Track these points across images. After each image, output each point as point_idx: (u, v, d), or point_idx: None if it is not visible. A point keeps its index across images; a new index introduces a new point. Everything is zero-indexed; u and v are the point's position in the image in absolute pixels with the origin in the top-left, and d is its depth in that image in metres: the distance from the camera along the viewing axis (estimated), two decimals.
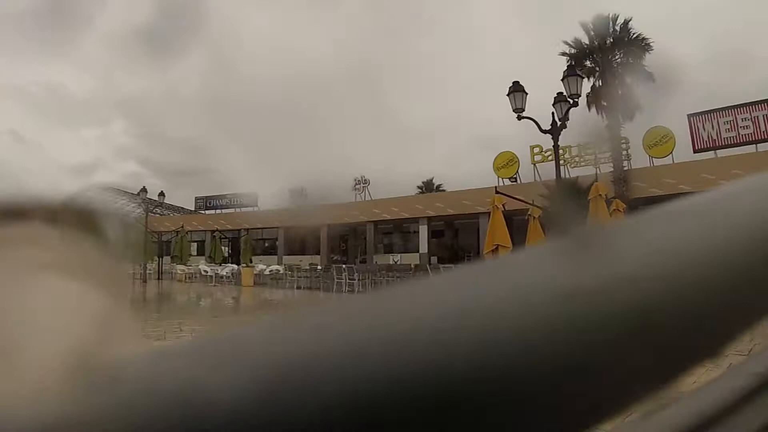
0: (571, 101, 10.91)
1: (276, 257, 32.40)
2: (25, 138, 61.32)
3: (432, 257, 27.38)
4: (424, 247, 28.97)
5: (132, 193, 30.90)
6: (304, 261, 26.81)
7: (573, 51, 22.18)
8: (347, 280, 17.28)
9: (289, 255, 32.59)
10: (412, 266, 20.59)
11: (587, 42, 22.29)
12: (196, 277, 24.16)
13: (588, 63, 21.82)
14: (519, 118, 10.76)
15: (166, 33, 62.63)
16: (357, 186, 33.45)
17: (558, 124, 10.64)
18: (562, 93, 11.28)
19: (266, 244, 35.56)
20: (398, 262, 25.54)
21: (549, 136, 10.92)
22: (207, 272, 23.44)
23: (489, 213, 13.36)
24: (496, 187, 16.78)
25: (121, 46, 60.99)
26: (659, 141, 22.71)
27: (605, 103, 21.55)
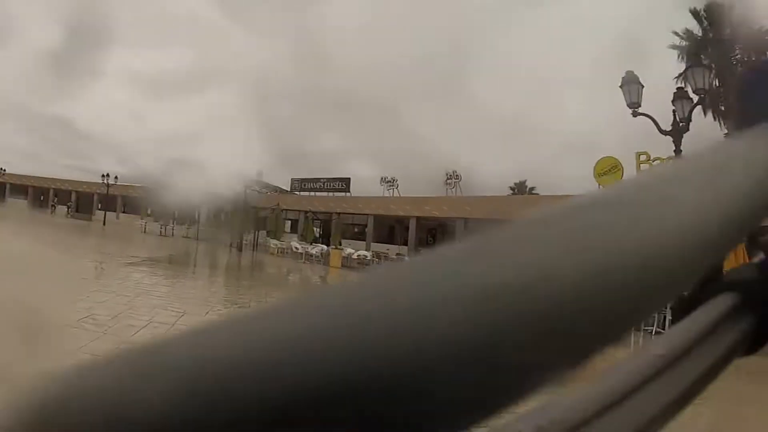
0: (696, 97, 9.45)
1: (364, 243, 32.35)
2: (144, 119, 65.94)
3: None
4: None
5: None
6: (392, 250, 26.55)
7: (684, 44, 19.51)
8: None
9: (377, 242, 32.46)
10: None
11: (700, 34, 19.47)
12: (287, 252, 24.61)
13: (703, 58, 18.42)
14: (635, 114, 9.45)
15: (262, 18, 64.70)
16: (448, 180, 32.54)
17: (680, 125, 9.18)
18: (682, 88, 9.96)
19: (356, 230, 35.62)
20: None
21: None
22: (298, 249, 23.83)
23: None
24: None
25: (222, 31, 63.58)
26: None
27: (723, 108, 18.51)
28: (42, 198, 47.33)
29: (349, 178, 37.70)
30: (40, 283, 7.44)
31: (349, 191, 37.39)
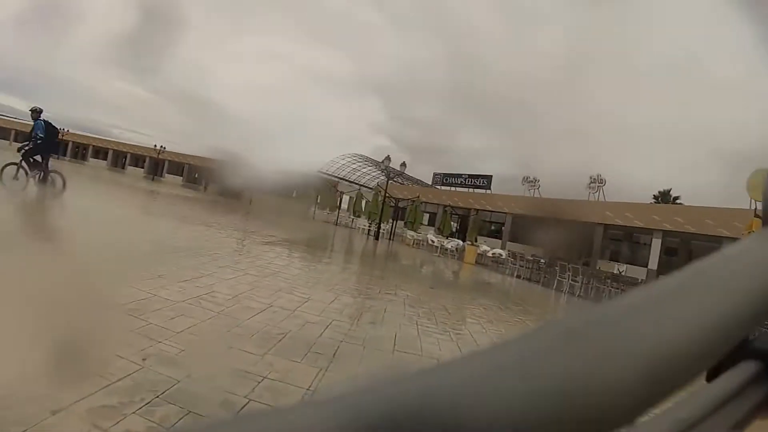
0: None
1: (500, 241, 31.07)
2: (297, 110, 69.85)
3: (660, 277, 23.20)
4: (653, 263, 24.97)
5: (377, 161, 32.44)
6: (526, 251, 25.10)
7: None
8: (569, 281, 15.27)
9: (512, 242, 31.07)
10: (640, 282, 17.44)
11: None
12: (422, 244, 24.14)
13: None
14: None
15: (413, 17, 65.04)
16: (591, 184, 30.24)
17: None
18: None
19: (492, 227, 34.44)
20: (623, 273, 22.12)
21: None
22: (434, 242, 23.26)
23: (737, 239, 10.10)
24: (755, 210, 12.82)
25: (373, 35, 64.88)
26: None
27: None
28: (196, 176, 51.68)
29: (491, 176, 36.80)
30: (172, 258, 7.43)
31: (489, 188, 36.50)
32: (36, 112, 11.51)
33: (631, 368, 0.20)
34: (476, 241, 25.23)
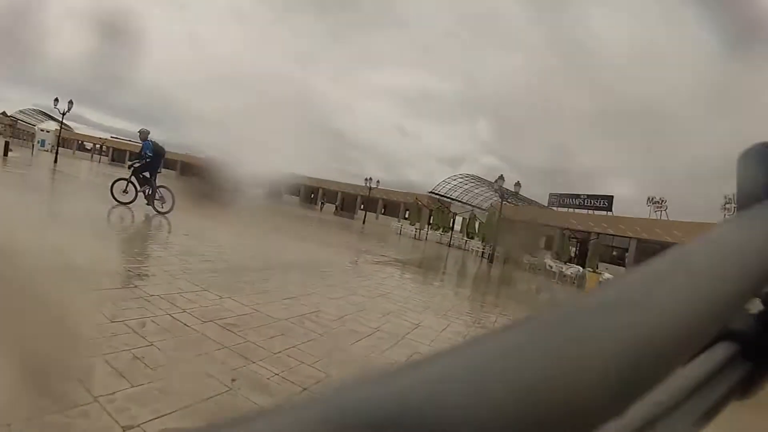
0: None
1: (623, 269, 28.44)
2: (408, 132, 70.89)
3: None
4: None
5: (489, 182, 31.38)
6: None
7: None
8: None
9: None
10: None
11: None
12: (539, 269, 22.65)
13: None
14: None
15: (520, 42, 63.28)
16: (727, 205, 26.75)
17: None
18: None
19: (614, 253, 31.61)
20: None
21: None
22: (551, 267, 21.72)
23: None
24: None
25: (480, 55, 63.96)
26: None
27: None
28: (312, 196, 53.61)
29: (612, 196, 33.79)
30: (281, 274, 7.26)
31: (611, 210, 33.56)
32: (144, 133, 12.38)
33: (617, 360, 0.20)
34: (597, 267, 23.26)
